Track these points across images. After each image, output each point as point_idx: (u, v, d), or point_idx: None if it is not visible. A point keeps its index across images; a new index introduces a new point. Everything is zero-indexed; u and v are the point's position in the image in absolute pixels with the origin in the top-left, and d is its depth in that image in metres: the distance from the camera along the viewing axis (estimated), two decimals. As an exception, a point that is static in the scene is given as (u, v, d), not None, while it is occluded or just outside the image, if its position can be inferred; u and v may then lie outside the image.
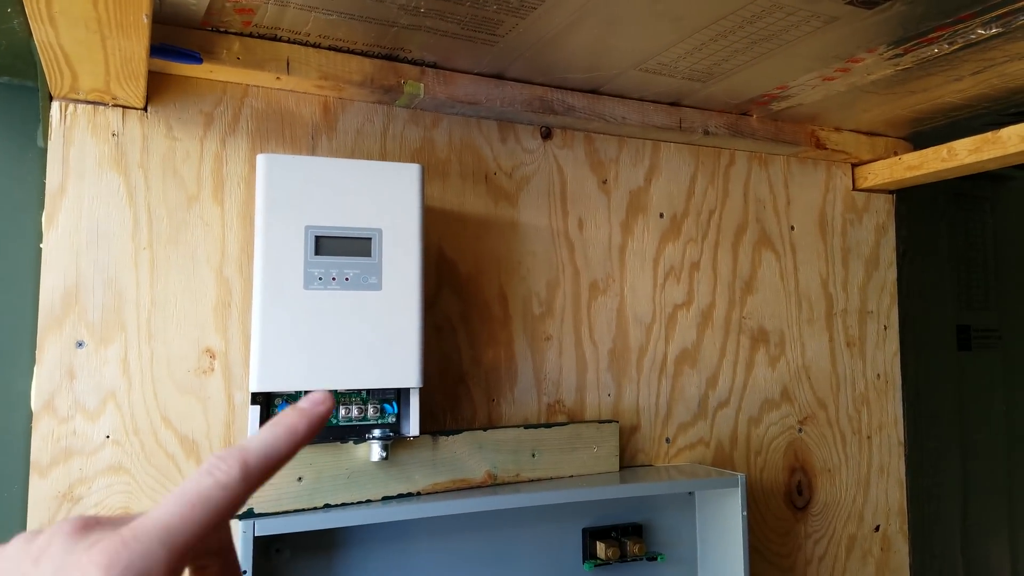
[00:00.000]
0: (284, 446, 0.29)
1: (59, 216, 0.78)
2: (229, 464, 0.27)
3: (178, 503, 0.26)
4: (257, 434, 0.29)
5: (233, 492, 0.27)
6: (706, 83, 0.98)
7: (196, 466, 0.80)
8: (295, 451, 0.29)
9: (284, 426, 0.29)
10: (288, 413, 0.29)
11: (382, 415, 0.82)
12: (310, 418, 0.29)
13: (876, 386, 1.25)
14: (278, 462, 0.28)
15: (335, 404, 0.30)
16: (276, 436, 0.29)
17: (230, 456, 0.28)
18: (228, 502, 0.27)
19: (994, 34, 0.82)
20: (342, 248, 0.78)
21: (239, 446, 0.28)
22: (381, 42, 0.84)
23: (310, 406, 0.30)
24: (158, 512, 0.26)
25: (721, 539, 1.00)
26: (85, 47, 0.63)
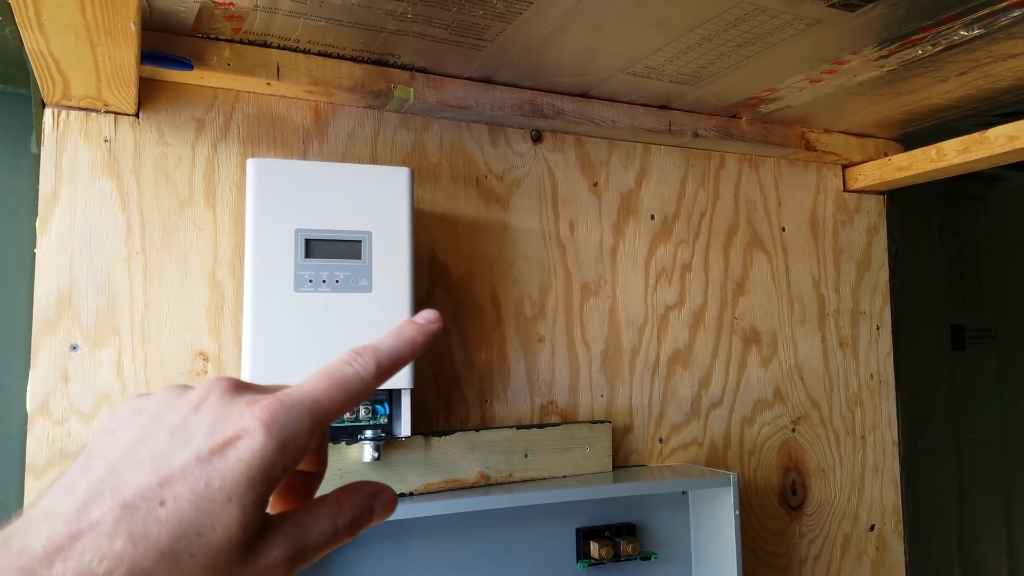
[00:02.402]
0: (407, 351, 0.32)
1: (52, 221, 0.79)
2: (366, 359, 0.31)
3: (325, 383, 0.30)
4: (384, 339, 0.32)
5: (366, 382, 0.31)
6: (694, 86, 0.98)
7: (190, 468, 0.81)
8: (414, 357, 0.33)
9: (407, 336, 0.33)
10: (408, 326, 0.33)
11: (374, 416, 0.83)
12: (426, 333, 0.33)
13: (869, 386, 1.25)
14: (401, 363, 0.32)
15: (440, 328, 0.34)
16: (401, 343, 0.32)
17: (367, 352, 0.31)
18: (362, 389, 0.31)
19: (976, 35, 0.83)
20: (332, 251, 0.78)
21: (372, 347, 0.32)
22: (370, 47, 0.85)
23: (425, 323, 0.33)
24: (308, 386, 0.30)
25: (715, 538, 1.00)
26: (75, 54, 0.64)
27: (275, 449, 0.28)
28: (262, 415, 0.28)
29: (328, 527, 0.31)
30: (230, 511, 0.27)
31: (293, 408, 0.29)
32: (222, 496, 0.27)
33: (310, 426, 0.29)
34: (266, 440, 0.28)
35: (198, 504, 0.27)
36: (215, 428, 0.28)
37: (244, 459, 0.27)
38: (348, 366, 0.31)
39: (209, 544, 0.27)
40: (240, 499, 0.27)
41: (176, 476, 0.27)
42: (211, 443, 0.28)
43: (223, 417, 0.28)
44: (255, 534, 0.28)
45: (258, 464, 0.28)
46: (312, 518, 0.30)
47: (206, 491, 0.27)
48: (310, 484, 0.34)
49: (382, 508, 0.33)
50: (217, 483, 0.27)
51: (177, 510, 0.27)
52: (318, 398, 0.29)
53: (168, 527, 0.26)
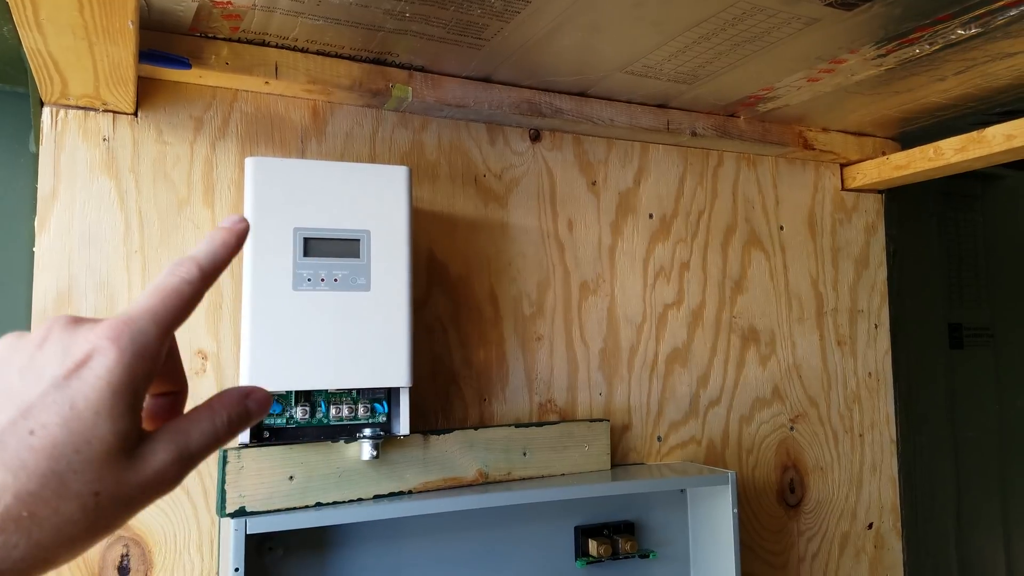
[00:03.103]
0: (222, 251, 0.34)
1: (51, 220, 0.79)
2: (187, 266, 0.33)
3: (156, 295, 0.32)
4: (199, 246, 0.34)
5: (194, 286, 0.33)
6: (692, 85, 0.99)
7: (189, 467, 0.81)
8: (231, 257, 0.35)
9: (219, 240, 0.34)
10: (217, 231, 0.35)
11: (372, 414, 0.83)
12: (236, 233, 0.35)
13: (868, 384, 1.26)
14: (221, 264, 0.34)
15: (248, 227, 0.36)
16: (214, 246, 0.34)
17: (187, 261, 0.33)
18: (192, 293, 0.32)
19: (973, 34, 0.83)
20: (331, 250, 0.79)
21: (190, 256, 0.33)
22: (368, 46, 0.85)
23: (232, 224, 0.35)
24: (142, 302, 0.31)
25: (713, 536, 1.00)
26: (73, 53, 0.64)
27: (130, 358, 0.29)
28: (108, 333, 0.30)
29: (207, 428, 0.32)
30: (102, 425, 0.29)
31: (135, 321, 0.30)
32: (90, 413, 0.29)
33: (156, 334, 0.31)
34: (118, 353, 0.29)
35: (69, 426, 0.28)
36: (64, 355, 0.29)
37: (102, 375, 0.29)
38: (172, 276, 0.32)
39: (90, 459, 0.28)
40: (109, 412, 0.29)
41: (37, 406, 0.28)
42: (64, 369, 0.29)
43: (70, 345, 0.30)
44: (134, 443, 0.30)
45: (118, 375, 0.29)
46: (189, 423, 0.32)
47: (72, 412, 0.28)
48: (176, 404, 0.36)
49: (257, 407, 0.35)
50: (82, 403, 0.29)
51: (48, 436, 0.28)
52: (155, 308, 0.31)
53: (44, 452, 0.28)
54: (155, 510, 0.80)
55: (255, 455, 0.79)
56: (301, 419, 0.81)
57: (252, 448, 0.78)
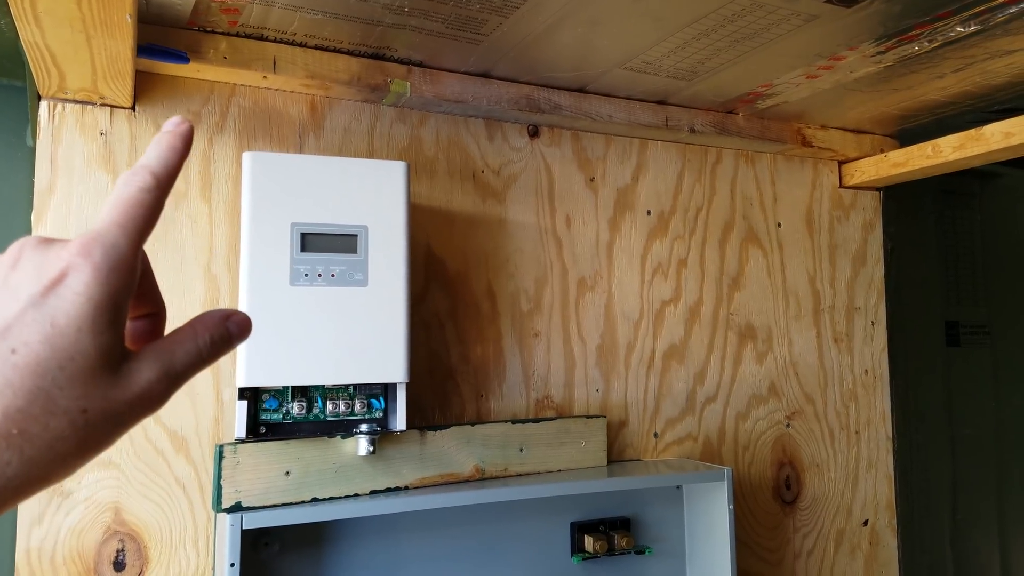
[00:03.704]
0: (170, 155, 0.34)
1: (48, 215, 0.79)
2: (142, 175, 0.32)
3: (117, 208, 0.31)
4: (150, 152, 0.34)
5: (151, 191, 0.32)
6: (691, 81, 0.98)
7: (186, 462, 0.81)
8: (182, 161, 0.34)
9: (165, 144, 0.34)
10: (162, 136, 0.34)
11: (369, 410, 0.83)
12: (180, 134, 0.34)
13: (864, 382, 1.26)
14: (173, 168, 0.34)
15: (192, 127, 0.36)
16: (162, 150, 0.34)
17: (139, 170, 0.33)
18: (152, 200, 0.32)
19: (973, 32, 0.83)
20: (328, 245, 0.78)
21: (140, 164, 0.33)
22: (367, 41, 0.85)
23: (175, 127, 0.35)
24: (105, 217, 0.31)
25: (708, 532, 1.01)
26: (71, 47, 0.64)
27: (106, 272, 0.29)
28: (79, 249, 0.30)
29: (191, 349, 0.33)
30: (85, 340, 0.29)
31: (103, 235, 0.30)
32: (72, 330, 0.29)
33: (127, 245, 0.31)
34: (93, 267, 0.29)
35: (51, 342, 0.28)
36: (39, 274, 0.29)
37: (80, 290, 0.29)
38: (129, 187, 0.32)
39: (74, 375, 0.29)
40: (92, 327, 0.29)
41: (16, 325, 0.28)
42: (41, 286, 0.29)
43: (43, 264, 0.29)
44: (119, 359, 0.30)
45: (95, 289, 0.29)
46: (173, 344, 0.32)
47: (54, 329, 0.28)
48: (156, 326, 0.36)
49: (237, 329, 0.35)
50: (63, 320, 0.29)
51: (31, 353, 0.28)
52: (119, 220, 0.31)
53: (28, 370, 0.28)
54: (151, 505, 0.80)
55: (251, 450, 0.79)
56: (298, 415, 0.80)
57: (248, 443, 0.78)
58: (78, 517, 0.77)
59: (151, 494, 0.80)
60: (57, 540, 0.76)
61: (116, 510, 0.79)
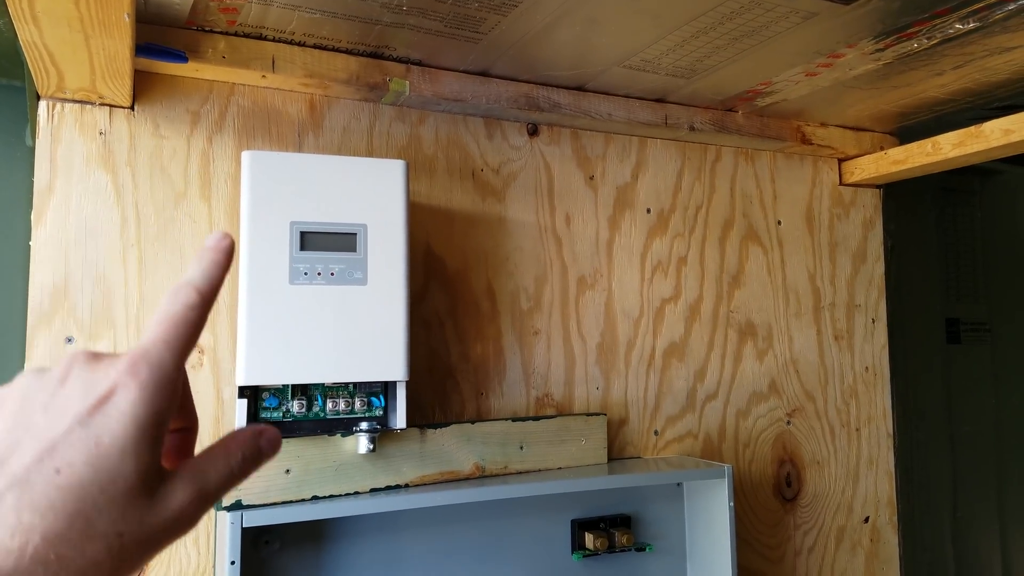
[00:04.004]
0: (214, 271, 0.34)
1: (47, 214, 0.79)
2: (185, 291, 0.33)
3: (164, 324, 0.32)
4: (191, 269, 0.34)
5: (196, 309, 0.33)
6: (690, 79, 0.98)
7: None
8: (224, 275, 0.35)
9: (210, 260, 0.34)
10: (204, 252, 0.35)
11: (369, 408, 0.83)
12: (223, 249, 0.35)
13: (864, 379, 1.26)
14: (217, 283, 0.34)
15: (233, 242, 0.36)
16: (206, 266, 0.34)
17: (184, 286, 0.33)
18: (196, 317, 0.32)
19: (971, 28, 0.83)
20: (327, 243, 0.79)
21: (185, 281, 0.33)
22: (366, 40, 0.85)
23: (216, 242, 0.35)
24: (152, 334, 0.31)
25: (709, 530, 1.01)
26: (69, 46, 0.64)
27: (152, 391, 0.29)
28: (127, 368, 0.30)
29: (223, 468, 0.32)
30: (127, 462, 0.29)
31: (150, 353, 0.30)
32: (115, 451, 0.28)
33: (173, 363, 0.31)
34: (140, 386, 0.29)
35: (94, 464, 0.28)
36: (87, 392, 0.29)
37: (126, 410, 0.29)
38: (174, 304, 0.32)
39: (114, 498, 0.28)
40: (135, 448, 0.29)
41: (63, 444, 0.28)
42: (87, 405, 0.29)
43: (91, 381, 0.29)
44: (156, 481, 0.30)
45: (141, 409, 0.29)
46: (206, 463, 0.32)
47: (98, 450, 0.28)
48: (188, 441, 0.36)
49: (269, 446, 0.34)
50: (107, 440, 0.28)
51: (75, 475, 0.28)
52: (166, 338, 0.31)
53: (71, 492, 0.27)
54: (152, 503, 0.80)
55: (252, 449, 0.79)
56: (298, 413, 0.81)
57: (249, 442, 0.78)
58: (79, 516, 0.77)
59: (152, 493, 0.80)
60: (58, 539, 0.76)
61: (117, 509, 0.79)
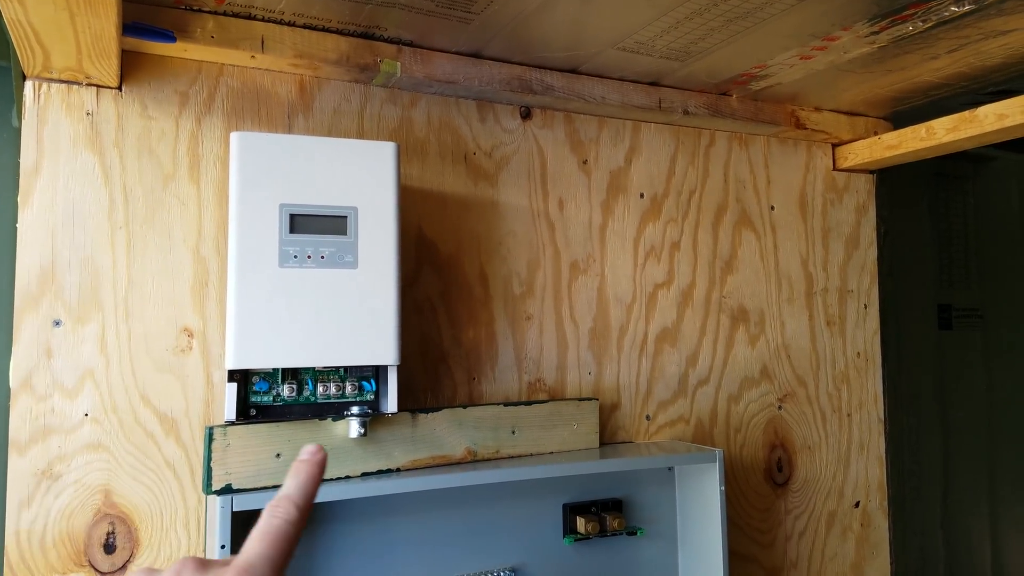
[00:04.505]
0: (310, 485, 0.38)
1: (34, 195, 0.78)
2: (285, 506, 0.36)
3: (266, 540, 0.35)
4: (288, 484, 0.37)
5: (295, 524, 0.36)
6: (684, 62, 0.98)
7: (176, 444, 0.81)
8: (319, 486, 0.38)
9: (305, 473, 0.38)
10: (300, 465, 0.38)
11: (360, 392, 0.83)
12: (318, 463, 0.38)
13: (856, 364, 1.26)
14: (312, 496, 0.37)
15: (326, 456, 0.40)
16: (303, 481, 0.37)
17: (282, 502, 0.36)
18: (295, 532, 0.36)
19: (967, 11, 0.82)
20: (317, 226, 0.78)
21: (284, 495, 0.37)
22: (356, 20, 0.84)
23: (311, 456, 0.39)
24: (255, 549, 0.34)
25: (700, 514, 1.01)
26: (54, 24, 0.63)
27: None
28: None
29: None
30: None
31: (255, 569, 0.33)
32: None
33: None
34: None
35: None
36: None
37: None
38: (274, 519, 0.35)
39: None
40: None
41: None
42: None
43: None
44: None
45: None
46: None
47: None
48: None
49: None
50: None
51: None
52: (267, 554, 0.34)
53: None
54: (141, 488, 0.80)
55: (241, 432, 0.78)
56: (288, 397, 0.80)
57: (238, 425, 0.78)
58: (67, 500, 0.77)
59: (141, 477, 0.80)
60: (47, 523, 0.76)
61: (106, 493, 0.78)
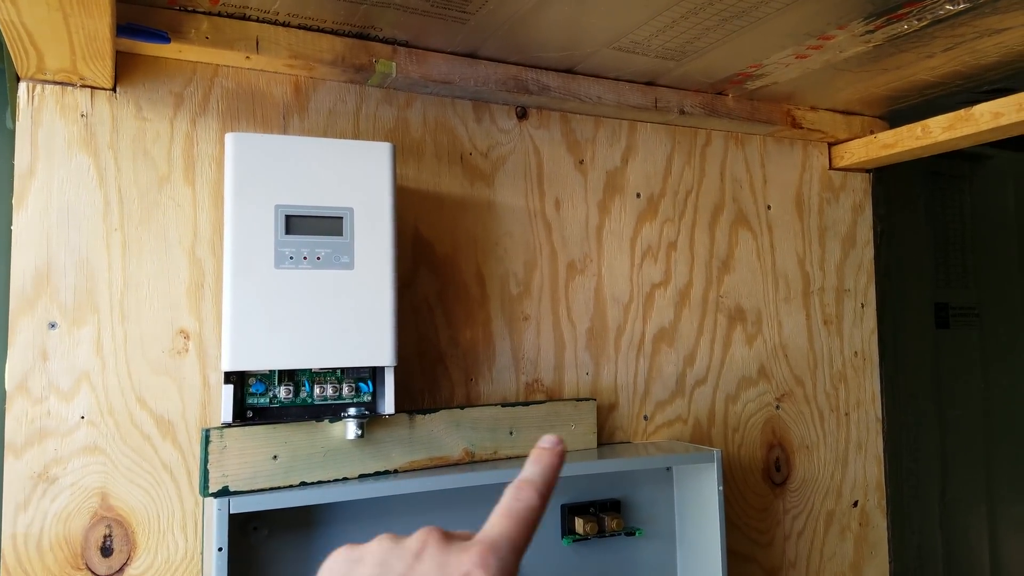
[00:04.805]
0: (551, 473, 0.37)
1: (29, 198, 0.78)
2: (527, 491, 0.36)
3: (510, 521, 0.34)
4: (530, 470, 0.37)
5: (536, 510, 0.35)
6: (680, 62, 0.98)
7: (173, 447, 0.81)
8: (558, 475, 0.37)
9: (548, 464, 0.37)
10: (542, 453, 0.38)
11: (357, 394, 0.83)
12: (558, 453, 0.38)
13: (853, 363, 1.26)
14: (553, 486, 0.37)
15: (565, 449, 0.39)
16: (544, 468, 0.37)
17: (526, 486, 0.36)
18: (535, 517, 0.35)
19: (962, 10, 0.83)
20: (313, 227, 0.78)
21: (527, 480, 0.36)
22: (351, 20, 0.83)
23: (552, 446, 0.38)
24: (499, 528, 0.34)
25: (698, 514, 1.01)
26: (48, 25, 0.63)
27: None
28: (479, 560, 0.32)
29: None
30: None
31: (500, 548, 0.33)
32: None
33: (514, 561, 0.33)
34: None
35: None
36: (441, 573, 0.32)
37: None
38: (517, 502, 0.35)
39: None
40: None
41: None
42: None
43: (445, 564, 0.32)
44: None
45: None
46: None
47: None
48: None
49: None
50: None
51: None
52: (511, 535, 0.34)
53: None
54: (138, 491, 0.79)
55: (238, 434, 0.78)
56: (285, 398, 0.80)
57: (235, 428, 0.78)
58: (64, 503, 0.77)
59: (138, 479, 0.80)
60: (43, 526, 0.76)
61: (103, 495, 0.78)
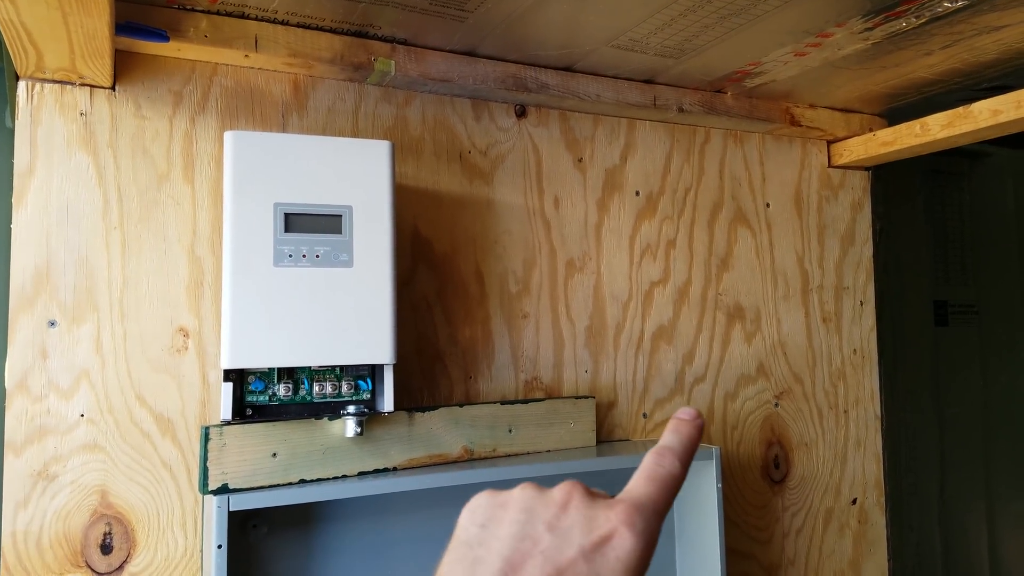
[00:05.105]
0: (690, 443, 0.37)
1: (28, 196, 0.78)
2: (670, 458, 0.36)
3: (655, 484, 0.34)
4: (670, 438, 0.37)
5: (677, 478, 0.35)
6: (679, 59, 0.98)
7: (172, 444, 0.81)
8: (697, 445, 0.37)
9: (685, 432, 0.37)
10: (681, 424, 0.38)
11: (356, 391, 0.83)
12: (696, 425, 0.38)
13: (852, 361, 1.26)
14: (692, 456, 0.37)
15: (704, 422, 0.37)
16: (683, 438, 0.37)
17: (666, 453, 0.36)
18: (677, 484, 0.35)
19: (960, 7, 0.83)
20: (312, 225, 0.78)
21: (667, 448, 0.36)
22: (350, 18, 0.83)
23: (691, 418, 0.38)
24: (643, 489, 0.34)
25: (697, 511, 1.01)
26: (47, 24, 0.63)
27: (644, 547, 0.32)
28: (625, 518, 0.32)
29: None
30: None
31: (645, 509, 0.33)
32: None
33: (658, 524, 0.33)
34: (635, 539, 0.32)
35: None
36: (588, 528, 0.32)
37: (621, 558, 0.31)
38: (660, 467, 0.35)
39: None
40: None
41: (567, 570, 0.31)
42: (590, 541, 0.32)
43: (591, 518, 0.32)
44: None
45: (633, 560, 0.32)
46: None
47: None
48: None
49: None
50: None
51: None
52: (655, 498, 0.34)
53: None
54: (138, 488, 0.80)
55: (237, 432, 0.78)
56: (284, 396, 0.80)
57: (235, 425, 0.78)
58: (64, 500, 0.77)
59: (138, 477, 0.80)
60: (43, 524, 0.76)
61: (102, 493, 0.78)
